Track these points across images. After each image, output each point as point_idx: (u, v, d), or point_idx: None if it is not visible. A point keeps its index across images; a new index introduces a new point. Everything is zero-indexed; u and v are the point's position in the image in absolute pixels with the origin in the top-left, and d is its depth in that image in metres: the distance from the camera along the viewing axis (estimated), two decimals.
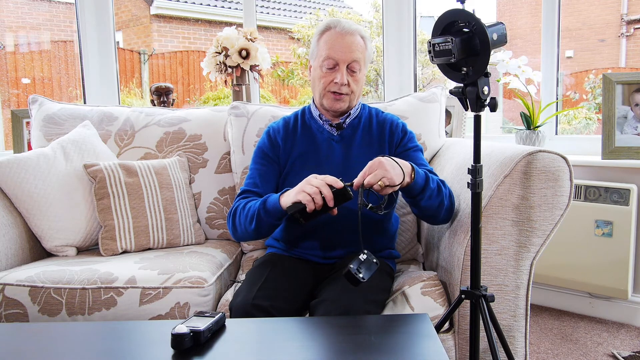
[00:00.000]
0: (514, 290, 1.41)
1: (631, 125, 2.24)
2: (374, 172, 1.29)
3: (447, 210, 1.46)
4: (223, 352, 1.03)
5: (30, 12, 7.07)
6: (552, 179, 1.35)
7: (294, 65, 7.62)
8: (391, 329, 1.12)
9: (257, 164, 1.62)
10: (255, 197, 1.54)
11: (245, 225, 1.48)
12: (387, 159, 1.32)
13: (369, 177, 1.29)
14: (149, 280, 1.52)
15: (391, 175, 1.29)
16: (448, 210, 1.47)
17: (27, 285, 1.51)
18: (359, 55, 1.54)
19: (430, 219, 1.50)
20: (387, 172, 1.29)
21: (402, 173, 1.32)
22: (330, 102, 1.57)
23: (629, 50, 8.88)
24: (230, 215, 1.55)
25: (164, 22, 8.50)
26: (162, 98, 2.79)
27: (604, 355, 1.98)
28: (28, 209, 1.78)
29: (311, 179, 1.33)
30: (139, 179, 1.86)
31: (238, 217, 1.51)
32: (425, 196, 1.39)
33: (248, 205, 1.49)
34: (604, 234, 2.19)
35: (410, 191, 1.39)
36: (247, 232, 1.49)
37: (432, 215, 1.46)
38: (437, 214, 1.45)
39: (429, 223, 1.57)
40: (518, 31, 9.04)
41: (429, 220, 1.53)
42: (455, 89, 1.28)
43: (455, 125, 2.49)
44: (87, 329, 1.19)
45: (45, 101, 2.14)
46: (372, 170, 1.30)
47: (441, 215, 1.46)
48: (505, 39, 1.25)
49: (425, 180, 1.39)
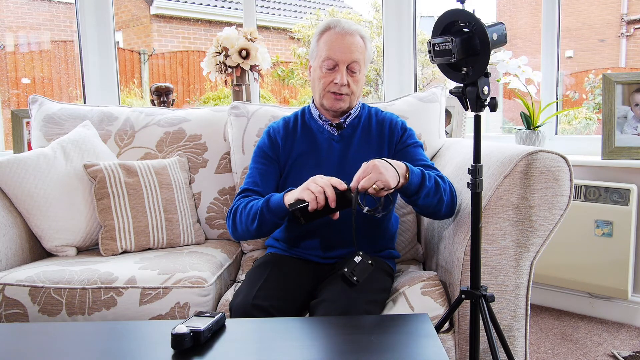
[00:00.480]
0: (514, 290, 1.41)
1: (631, 125, 2.24)
2: (368, 176, 1.29)
3: (448, 205, 1.45)
4: (223, 352, 1.03)
5: (30, 12, 7.07)
6: (552, 179, 1.35)
7: (294, 65, 7.62)
8: (391, 329, 1.12)
9: (257, 163, 1.62)
10: (256, 196, 1.53)
11: (247, 224, 1.47)
12: (381, 162, 1.32)
13: (362, 181, 1.29)
14: (149, 280, 1.52)
15: (385, 178, 1.29)
16: (449, 206, 1.46)
17: (27, 285, 1.51)
18: (359, 56, 1.54)
19: (432, 215, 1.50)
20: (381, 175, 1.29)
21: (396, 175, 1.32)
22: (330, 102, 1.57)
23: (629, 50, 8.88)
24: (230, 214, 1.54)
25: (164, 22, 8.50)
26: (162, 98, 2.79)
27: (604, 355, 1.98)
28: (28, 209, 1.78)
29: (317, 178, 1.33)
30: (139, 179, 1.86)
31: (239, 216, 1.50)
32: (421, 195, 1.39)
33: (250, 204, 1.49)
34: (604, 234, 2.19)
35: (406, 191, 1.38)
36: (249, 231, 1.48)
37: (433, 212, 1.46)
38: (437, 210, 1.45)
39: (432, 219, 1.57)
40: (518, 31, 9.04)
41: (431, 217, 1.52)
42: (455, 89, 1.28)
43: (455, 125, 2.49)
44: (87, 329, 1.19)
45: (45, 101, 2.15)
46: (366, 174, 1.29)
47: (442, 211, 1.45)
48: (505, 39, 1.25)
49: (421, 178, 1.38)
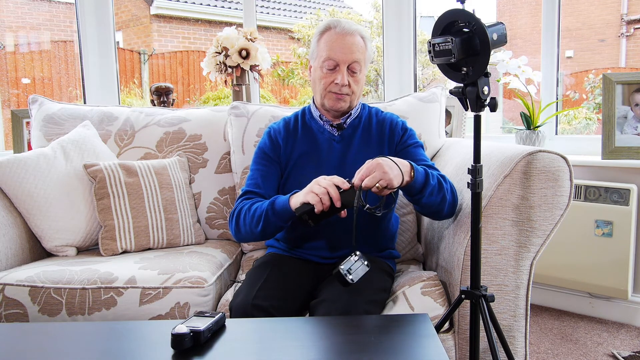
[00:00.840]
0: (514, 290, 1.41)
1: (631, 125, 2.24)
2: (372, 175, 1.28)
3: (450, 205, 1.45)
4: (223, 352, 1.03)
5: (30, 12, 7.07)
6: (552, 179, 1.35)
7: (294, 65, 7.62)
8: (391, 329, 1.12)
9: (258, 164, 1.61)
10: (259, 198, 1.53)
11: (251, 227, 1.47)
12: (385, 160, 1.31)
13: (366, 180, 1.28)
14: (149, 280, 1.52)
15: (390, 177, 1.28)
16: (451, 205, 1.46)
17: (27, 285, 1.51)
18: (359, 56, 1.54)
19: (434, 215, 1.49)
20: (386, 174, 1.28)
21: (400, 173, 1.31)
22: (331, 102, 1.56)
23: (629, 50, 8.88)
24: (233, 216, 1.53)
25: (164, 22, 8.50)
26: (162, 98, 2.79)
27: (604, 355, 1.98)
28: (28, 209, 1.78)
29: (320, 179, 1.33)
30: (139, 179, 1.86)
31: (243, 218, 1.49)
32: (426, 193, 1.38)
33: (254, 206, 1.48)
34: (604, 234, 2.19)
35: (410, 190, 1.38)
36: (253, 233, 1.48)
37: (436, 211, 1.45)
38: (440, 210, 1.44)
39: (433, 219, 1.56)
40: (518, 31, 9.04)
41: (433, 216, 1.51)
42: (455, 89, 1.28)
43: (455, 125, 2.49)
44: (87, 329, 1.19)
45: (45, 101, 2.15)
46: (370, 172, 1.28)
47: (445, 211, 1.45)
48: (505, 39, 1.25)
49: (425, 177, 1.38)
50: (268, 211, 1.42)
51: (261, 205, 1.46)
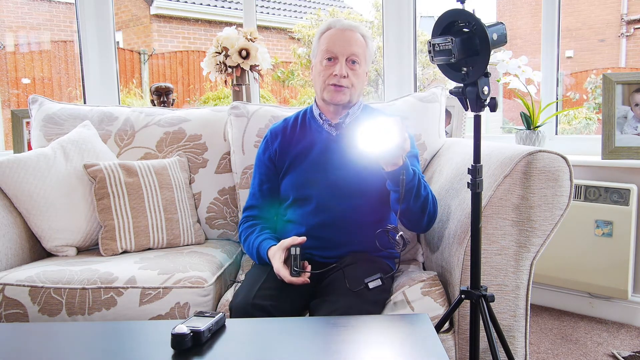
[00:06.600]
0: (514, 290, 1.41)
1: (631, 125, 2.24)
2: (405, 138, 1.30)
3: (430, 215, 1.46)
4: (223, 352, 1.03)
5: (30, 12, 7.07)
6: (552, 179, 1.35)
7: (294, 65, 7.61)
8: (391, 329, 1.12)
9: (256, 172, 1.70)
10: (256, 222, 1.63)
11: (250, 255, 1.60)
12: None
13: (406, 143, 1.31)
14: (149, 280, 1.52)
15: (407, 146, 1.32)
16: (431, 216, 1.47)
17: (27, 285, 1.51)
18: (358, 50, 1.55)
19: (414, 223, 1.48)
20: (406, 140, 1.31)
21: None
22: (330, 94, 1.56)
23: (629, 50, 8.88)
24: (240, 237, 1.67)
25: (164, 22, 8.50)
26: (162, 98, 2.79)
27: (604, 355, 1.98)
28: (28, 209, 1.78)
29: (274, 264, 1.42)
30: (139, 179, 1.86)
31: (244, 244, 1.63)
32: (413, 191, 1.39)
33: (248, 239, 1.60)
34: (604, 234, 2.19)
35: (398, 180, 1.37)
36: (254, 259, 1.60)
37: (416, 219, 1.45)
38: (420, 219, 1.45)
39: (411, 229, 1.56)
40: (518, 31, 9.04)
41: (413, 225, 1.51)
42: (455, 89, 1.28)
43: (455, 125, 2.49)
44: (87, 329, 1.19)
45: (45, 101, 2.14)
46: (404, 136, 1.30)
47: (424, 222, 1.46)
48: (505, 39, 1.25)
49: (413, 175, 1.39)
50: (254, 255, 1.56)
51: (252, 241, 1.57)
